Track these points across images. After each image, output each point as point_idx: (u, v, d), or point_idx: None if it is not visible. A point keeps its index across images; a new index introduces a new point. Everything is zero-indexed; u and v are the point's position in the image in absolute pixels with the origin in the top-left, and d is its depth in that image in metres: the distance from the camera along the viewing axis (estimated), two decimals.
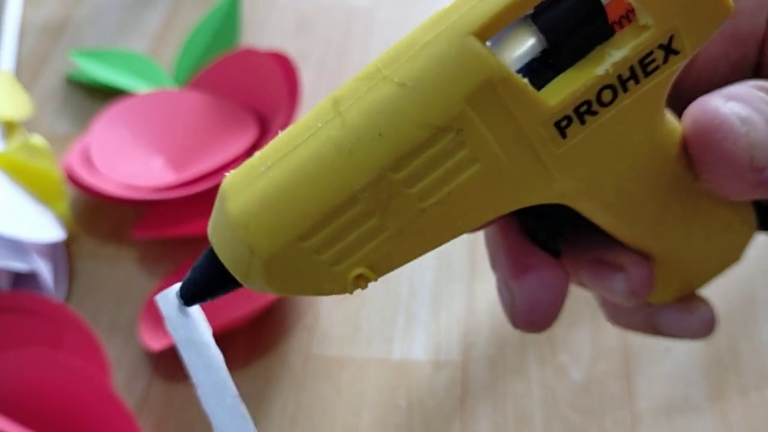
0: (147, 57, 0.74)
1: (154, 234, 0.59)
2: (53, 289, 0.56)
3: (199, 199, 0.60)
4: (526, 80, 0.21)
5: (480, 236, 0.28)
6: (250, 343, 0.54)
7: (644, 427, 0.49)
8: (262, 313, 0.55)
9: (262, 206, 0.21)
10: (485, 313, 0.55)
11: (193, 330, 0.24)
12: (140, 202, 0.61)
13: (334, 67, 0.73)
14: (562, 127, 0.21)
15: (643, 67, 0.21)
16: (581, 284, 0.29)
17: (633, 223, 0.25)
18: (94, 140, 0.63)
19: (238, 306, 0.53)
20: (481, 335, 0.54)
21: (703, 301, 0.29)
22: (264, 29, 0.78)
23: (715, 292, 0.34)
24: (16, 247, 0.55)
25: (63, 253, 0.60)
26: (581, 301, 0.55)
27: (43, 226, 0.57)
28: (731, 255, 0.29)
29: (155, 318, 0.55)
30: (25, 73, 0.76)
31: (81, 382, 0.48)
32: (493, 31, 0.21)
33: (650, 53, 0.21)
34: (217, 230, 0.23)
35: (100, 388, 0.48)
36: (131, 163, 0.63)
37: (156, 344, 0.53)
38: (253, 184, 0.22)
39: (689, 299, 0.29)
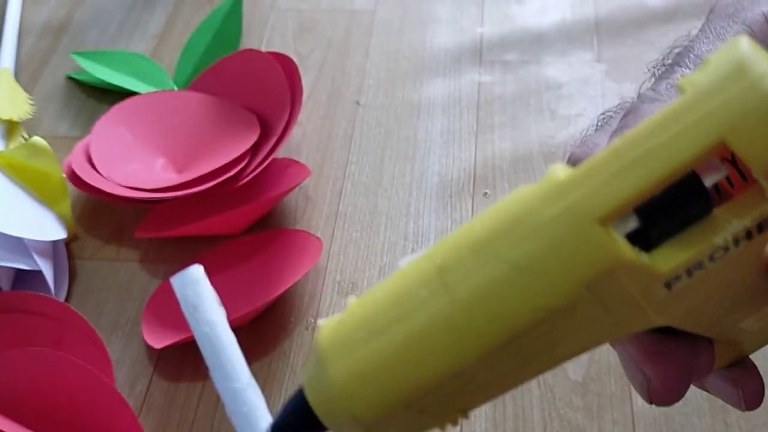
0: (148, 58, 0.74)
1: (155, 234, 0.59)
2: (54, 288, 0.56)
3: (200, 200, 0.61)
4: (645, 256, 0.21)
5: None
6: (251, 342, 0.54)
7: (643, 426, 0.49)
8: (264, 312, 0.55)
9: (368, 378, 0.21)
10: None
11: (208, 313, 0.24)
12: (141, 202, 0.61)
13: (334, 68, 0.73)
14: (669, 284, 0.21)
15: (758, 228, 0.21)
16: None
17: (713, 328, 0.26)
18: (95, 141, 0.64)
19: (239, 305, 0.53)
20: None
21: (751, 376, 0.29)
22: (265, 30, 0.78)
23: None
24: (17, 246, 0.55)
25: (64, 253, 0.60)
26: None
27: (44, 226, 0.57)
28: None
29: (156, 317, 0.55)
30: (26, 73, 0.76)
31: (82, 381, 0.48)
32: (617, 216, 0.20)
33: None
34: (314, 387, 0.23)
35: (102, 387, 0.48)
36: (132, 164, 0.63)
37: (157, 343, 0.53)
38: (357, 352, 0.22)
39: (741, 371, 0.29)
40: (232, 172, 0.60)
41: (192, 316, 0.24)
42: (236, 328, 0.54)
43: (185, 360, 0.54)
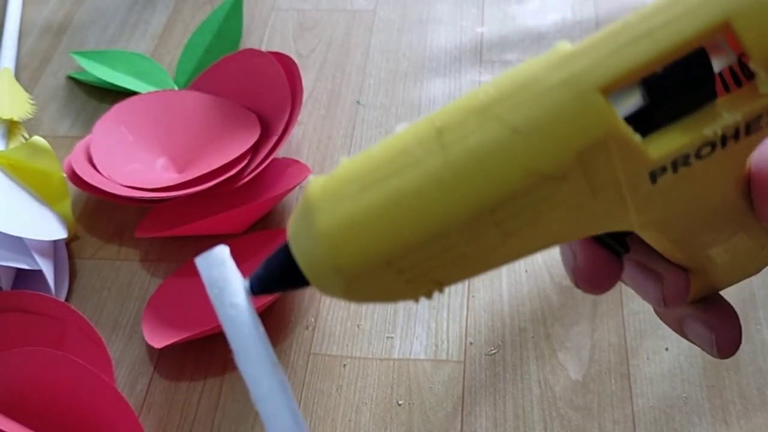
0: (148, 57, 0.75)
1: (156, 233, 0.59)
2: (54, 288, 0.56)
3: (201, 199, 0.61)
4: (638, 137, 0.21)
5: None
6: None
7: (643, 426, 0.49)
8: (264, 312, 0.55)
9: (355, 230, 0.21)
10: (485, 312, 0.55)
11: (234, 295, 0.24)
12: (142, 202, 0.61)
13: (335, 67, 0.73)
14: (654, 175, 0.22)
15: (747, 128, 0.21)
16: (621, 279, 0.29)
17: (685, 247, 0.26)
18: (95, 140, 0.64)
19: None
20: (480, 334, 0.54)
21: (729, 323, 0.29)
22: (265, 30, 0.78)
23: None
24: (18, 245, 0.55)
25: (64, 253, 0.60)
26: (580, 301, 0.55)
27: (44, 226, 0.57)
28: (753, 269, 0.29)
29: (157, 317, 0.55)
30: (26, 73, 0.76)
31: (83, 381, 0.48)
32: (617, 88, 0.20)
33: (759, 116, 0.21)
34: (299, 237, 0.23)
35: (102, 386, 0.48)
36: (132, 163, 0.63)
37: (158, 343, 0.53)
38: (346, 203, 0.22)
39: (719, 315, 0.29)
40: (233, 172, 0.60)
41: (217, 298, 0.24)
42: None
43: (185, 359, 0.54)
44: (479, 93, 0.22)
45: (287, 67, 0.64)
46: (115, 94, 0.71)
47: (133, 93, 0.70)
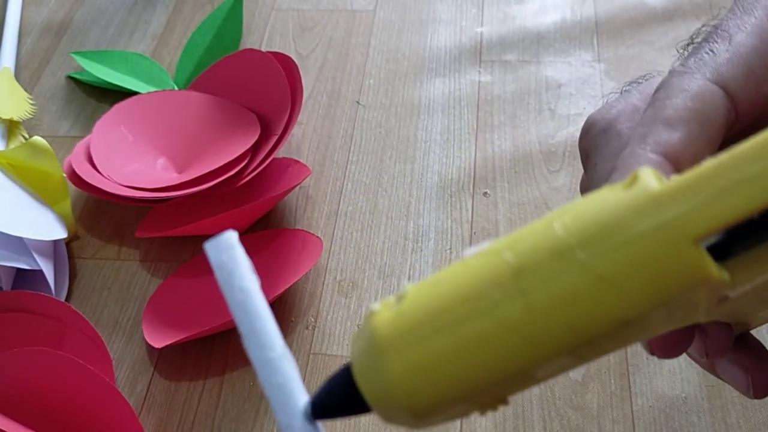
0: (148, 57, 0.75)
1: (156, 233, 0.59)
2: (54, 288, 0.56)
3: (201, 199, 0.61)
4: (727, 275, 0.20)
5: (479, 228, 0.28)
6: None
7: (643, 425, 0.49)
8: None
9: (430, 376, 0.21)
10: None
11: (243, 279, 0.24)
12: (142, 202, 0.61)
13: (335, 68, 0.73)
14: (729, 295, 0.21)
15: None
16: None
17: (737, 318, 0.26)
18: (95, 140, 0.64)
19: None
20: None
21: (762, 365, 0.29)
22: (265, 30, 0.78)
23: None
24: (18, 245, 0.55)
25: (64, 253, 0.60)
26: None
27: (44, 226, 0.57)
28: None
29: (157, 317, 0.55)
30: (26, 72, 0.76)
31: (83, 381, 0.48)
32: (712, 235, 0.20)
33: None
34: (369, 375, 0.22)
35: (102, 386, 0.48)
36: (133, 163, 0.63)
37: (158, 343, 0.53)
38: (420, 347, 0.21)
39: (753, 358, 0.29)
40: (233, 172, 0.60)
41: (226, 283, 0.24)
42: (236, 328, 0.55)
43: (186, 359, 0.54)
44: (555, 227, 0.21)
45: (287, 67, 0.64)
46: (115, 94, 0.71)
47: (133, 93, 0.70)
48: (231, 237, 0.25)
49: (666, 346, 0.26)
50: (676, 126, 0.26)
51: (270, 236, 0.59)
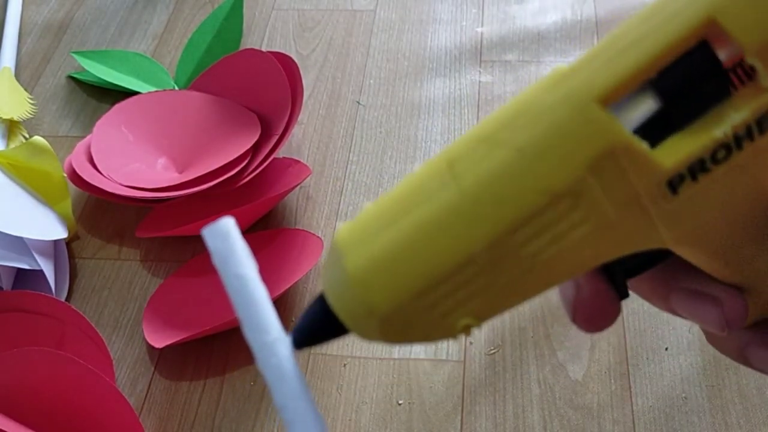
0: (149, 57, 0.75)
1: (156, 233, 0.59)
2: (55, 288, 0.56)
3: (201, 199, 0.61)
4: (646, 145, 0.21)
5: None
6: None
7: (643, 425, 0.49)
8: None
9: (381, 267, 0.22)
10: None
11: (240, 265, 0.24)
12: (142, 202, 0.61)
13: (335, 68, 0.73)
14: (673, 185, 0.21)
15: (759, 125, 0.21)
16: (672, 311, 0.29)
17: (730, 262, 0.25)
18: (96, 140, 0.64)
19: None
20: (480, 334, 0.54)
21: None
22: (266, 30, 0.78)
23: None
24: (19, 245, 0.55)
25: (65, 252, 0.60)
26: None
27: (45, 226, 0.57)
28: None
29: (158, 317, 0.55)
30: (27, 72, 0.76)
31: (84, 381, 0.48)
32: (616, 97, 0.21)
33: None
34: (332, 284, 0.23)
35: (103, 386, 0.48)
36: (133, 163, 0.63)
37: (158, 342, 0.53)
38: (370, 243, 0.22)
39: None
40: (233, 172, 0.60)
41: (223, 268, 0.24)
42: (237, 328, 0.55)
43: (186, 359, 0.54)
44: (485, 123, 0.22)
45: (287, 67, 0.64)
46: (115, 94, 0.71)
47: (134, 93, 0.70)
48: (228, 223, 0.25)
49: (590, 311, 0.26)
50: None
51: (270, 236, 0.59)
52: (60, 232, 0.58)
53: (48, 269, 0.55)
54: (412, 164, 0.65)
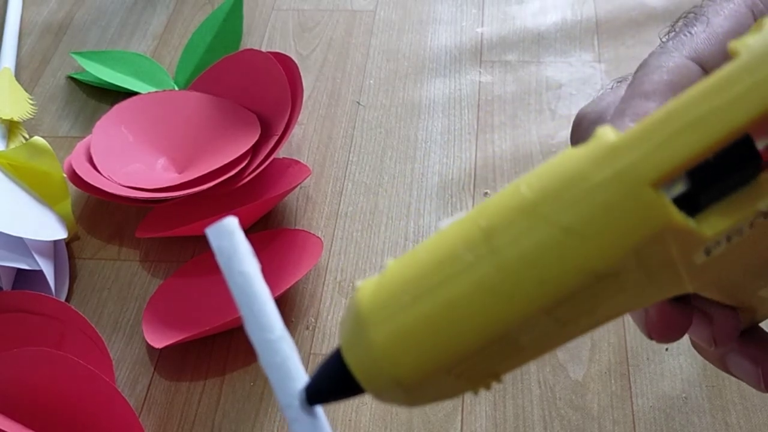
0: (148, 57, 0.75)
1: (156, 234, 0.59)
2: (55, 288, 0.56)
3: (201, 200, 0.61)
4: (693, 222, 0.21)
5: None
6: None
7: (643, 425, 0.49)
8: None
9: (411, 342, 0.21)
10: None
11: (243, 264, 0.25)
12: (142, 202, 0.61)
13: (335, 68, 0.73)
14: (709, 249, 0.21)
15: None
16: None
17: (735, 295, 0.26)
18: (95, 140, 0.64)
19: None
20: None
21: None
22: (265, 30, 0.78)
23: None
24: (18, 246, 0.55)
25: (65, 253, 0.60)
26: None
27: (44, 226, 0.57)
28: None
29: (157, 317, 0.55)
30: (26, 73, 0.76)
31: (83, 381, 0.48)
32: (669, 181, 0.20)
33: None
34: (354, 350, 0.23)
35: (103, 386, 0.48)
36: (133, 164, 0.63)
37: (158, 343, 0.53)
38: (400, 314, 0.21)
39: (762, 349, 0.29)
40: (233, 172, 0.60)
41: (226, 267, 0.24)
42: (236, 328, 0.55)
43: (186, 359, 0.54)
44: (521, 188, 0.21)
45: (287, 67, 0.64)
46: (115, 94, 0.71)
47: (133, 93, 0.70)
48: (231, 222, 0.25)
49: (662, 328, 0.26)
50: (653, 97, 0.26)
51: (270, 236, 0.59)
52: (60, 233, 0.58)
53: (48, 269, 0.55)
54: (412, 164, 0.65)
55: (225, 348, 0.54)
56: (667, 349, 0.52)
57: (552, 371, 0.52)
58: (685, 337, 0.55)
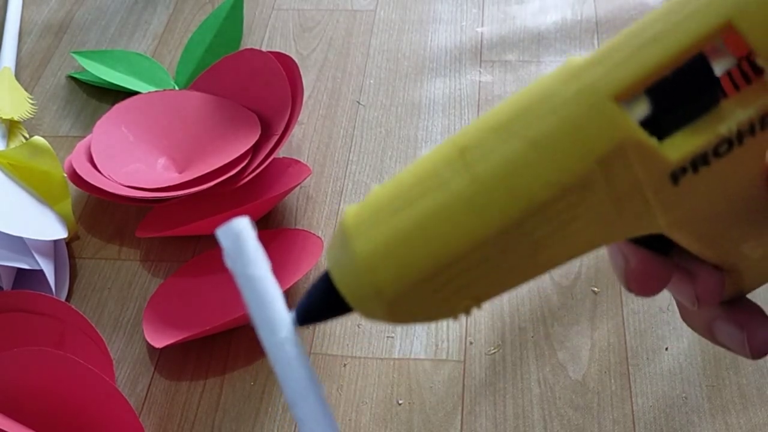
0: (149, 57, 0.75)
1: (156, 233, 0.59)
2: (55, 288, 0.56)
3: (201, 199, 0.61)
4: (655, 140, 0.21)
5: None
6: (252, 342, 0.54)
7: (643, 425, 0.49)
8: None
9: (391, 251, 0.22)
10: (485, 311, 0.55)
11: (252, 265, 0.25)
12: (142, 202, 0.61)
13: (335, 67, 0.73)
14: (675, 176, 0.22)
15: (762, 122, 0.22)
16: None
17: (716, 244, 0.26)
18: (96, 140, 0.64)
19: (239, 305, 0.53)
20: (480, 334, 0.54)
21: (759, 320, 0.29)
22: (266, 30, 0.78)
23: None
24: (19, 245, 0.55)
25: (65, 252, 0.60)
26: (580, 301, 0.55)
27: (45, 226, 0.57)
28: None
29: (158, 316, 0.55)
30: (27, 72, 0.76)
31: (84, 381, 0.48)
32: (630, 95, 0.21)
33: None
34: (339, 265, 0.24)
35: (103, 386, 0.48)
36: (133, 163, 0.63)
37: (158, 342, 0.53)
38: (380, 226, 0.23)
39: (748, 314, 0.29)
40: (233, 172, 0.60)
41: (236, 268, 0.25)
42: (237, 328, 0.55)
43: (186, 359, 0.54)
44: (496, 111, 0.22)
45: (287, 67, 0.64)
46: (115, 94, 0.71)
47: (134, 93, 0.70)
48: (241, 222, 0.25)
49: (641, 277, 0.27)
50: None
51: (270, 236, 0.59)
52: (60, 232, 0.58)
53: (48, 269, 0.55)
54: None
55: (225, 348, 0.54)
56: (667, 349, 0.52)
57: (552, 371, 0.52)
58: (685, 337, 0.55)
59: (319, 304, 0.25)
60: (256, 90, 0.65)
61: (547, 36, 0.74)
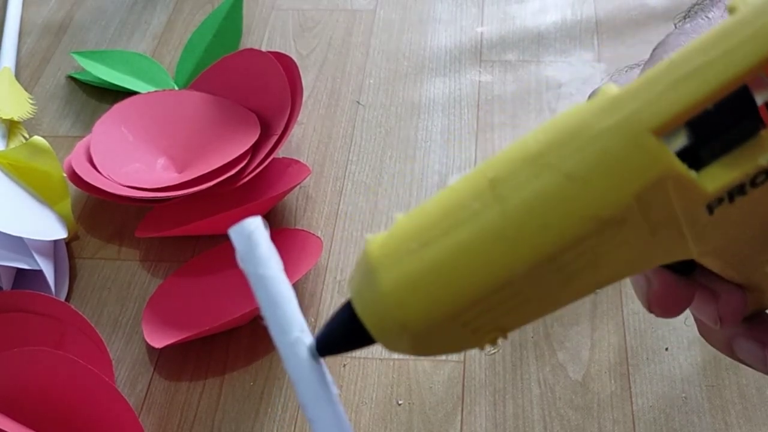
0: (148, 57, 0.75)
1: (156, 233, 0.59)
2: (55, 288, 0.56)
3: (201, 199, 0.61)
4: (694, 173, 0.21)
5: None
6: (251, 342, 0.54)
7: (643, 425, 0.49)
8: None
9: (419, 286, 0.22)
10: None
11: (265, 265, 0.25)
12: (142, 202, 0.61)
13: (335, 67, 0.73)
14: (711, 207, 0.22)
15: None
16: None
17: (743, 267, 0.26)
18: (95, 140, 0.64)
19: (239, 305, 0.53)
20: None
21: None
22: (265, 30, 0.78)
23: None
24: (18, 245, 0.55)
25: (65, 252, 0.60)
26: (580, 301, 0.55)
27: (44, 226, 0.57)
28: None
29: (157, 317, 0.55)
30: (26, 72, 0.76)
31: (83, 381, 0.48)
32: (670, 129, 0.21)
33: None
34: (363, 296, 0.23)
35: (103, 386, 0.48)
36: (133, 163, 0.63)
37: (158, 343, 0.53)
38: (408, 260, 0.22)
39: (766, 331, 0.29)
40: (233, 172, 0.60)
41: (248, 268, 0.25)
42: (236, 328, 0.55)
43: (186, 359, 0.54)
44: (528, 141, 0.22)
45: (287, 66, 0.64)
46: (115, 94, 0.71)
47: (133, 93, 0.70)
48: (253, 222, 0.25)
49: (663, 299, 0.26)
50: None
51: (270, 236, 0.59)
52: (60, 232, 0.58)
53: (48, 269, 0.55)
54: (412, 164, 0.65)
55: (225, 348, 0.54)
56: (667, 349, 0.52)
57: (552, 371, 0.52)
58: (685, 337, 0.55)
59: (341, 334, 0.24)
60: (256, 90, 0.65)
61: (547, 36, 0.74)
